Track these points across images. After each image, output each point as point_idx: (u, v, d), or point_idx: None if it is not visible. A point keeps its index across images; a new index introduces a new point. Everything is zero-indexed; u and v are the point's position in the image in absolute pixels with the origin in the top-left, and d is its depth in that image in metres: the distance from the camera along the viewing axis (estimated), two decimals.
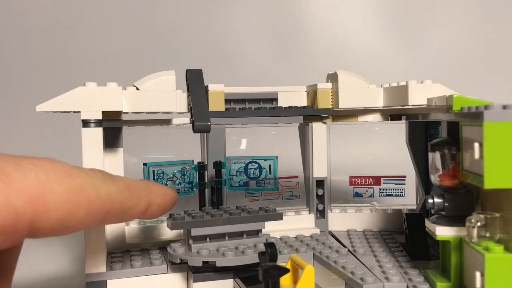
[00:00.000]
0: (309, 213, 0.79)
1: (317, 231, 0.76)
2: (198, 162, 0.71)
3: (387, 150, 0.80)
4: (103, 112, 0.60)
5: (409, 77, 0.70)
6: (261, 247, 0.60)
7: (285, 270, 0.47)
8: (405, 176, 0.79)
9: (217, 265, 0.56)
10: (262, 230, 0.64)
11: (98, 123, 0.59)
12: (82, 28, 1.23)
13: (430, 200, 0.52)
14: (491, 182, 0.43)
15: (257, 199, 0.77)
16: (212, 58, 1.20)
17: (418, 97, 0.68)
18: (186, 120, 0.74)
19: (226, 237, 0.61)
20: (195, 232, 0.58)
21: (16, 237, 0.24)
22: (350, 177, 0.80)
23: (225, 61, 1.20)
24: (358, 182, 0.79)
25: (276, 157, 0.72)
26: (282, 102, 0.78)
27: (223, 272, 0.59)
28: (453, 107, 0.52)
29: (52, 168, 0.25)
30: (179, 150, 0.77)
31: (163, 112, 0.70)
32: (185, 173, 0.69)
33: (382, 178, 0.79)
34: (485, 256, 0.44)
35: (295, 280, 0.51)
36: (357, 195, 0.80)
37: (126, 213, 0.32)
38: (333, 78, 0.76)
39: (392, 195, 0.79)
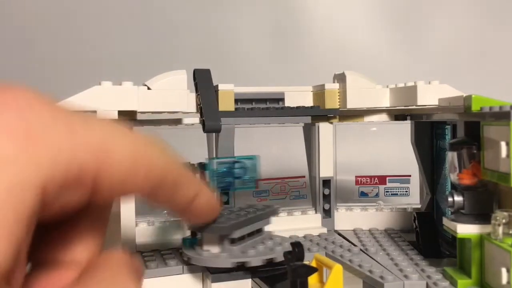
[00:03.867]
0: (316, 212, 0.79)
1: (325, 230, 0.77)
2: (199, 163, 0.70)
3: (392, 150, 0.81)
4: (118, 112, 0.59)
5: (412, 76, 0.72)
6: (270, 245, 0.61)
7: (313, 270, 0.48)
8: (410, 176, 0.80)
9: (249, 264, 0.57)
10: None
11: None
12: (86, 28, 1.22)
13: (450, 199, 0.53)
14: None
15: (265, 199, 0.77)
16: (213, 58, 1.20)
17: (427, 97, 0.70)
18: (193, 120, 0.74)
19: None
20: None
21: (81, 192, 0.24)
22: (356, 177, 0.80)
23: (226, 62, 1.20)
24: (363, 182, 0.80)
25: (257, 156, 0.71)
26: (289, 102, 0.78)
27: (241, 271, 0.59)
28: (472, 107, 0.53)
29: (116, 125, 0.25)
30: (185, 151, 0.76)
31: (169, 112, 0.70)
32: None
33: (387, 178, 0.80)
34: (511, 253, 0.45)
35: (320, 279, 0.51)
36: (363, 194, 0.80)
37: (178, 192, 0.30)
38: (340, 78, 0.76)
39: (397, 194, 0.80)
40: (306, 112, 0.76)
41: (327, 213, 0.79)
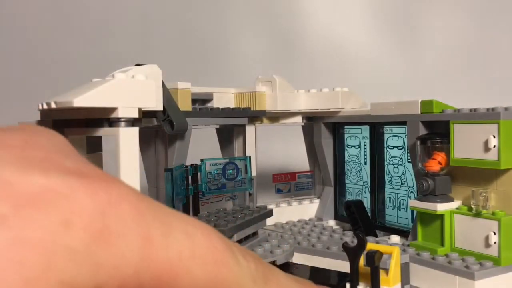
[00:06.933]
0: None
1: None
2: (191, 165, 0.66)
3: (303, 148, 0.89)
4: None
5: (407, 77, 0.81)
6: (268, 247, 0.62)
7: (381, 254, 0.52)
8: (313, 171, 0.89)
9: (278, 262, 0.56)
10: None
11: (130, 122, 0.50)
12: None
13: (426, 183, 0.65)
14: (505, 163, 0.58)
15: (207, 202, 0.74)
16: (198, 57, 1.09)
17: (344, 102, 0.81)
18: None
19: (243, 240, 0.60)
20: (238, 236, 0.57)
21: None
22: (273, 175, 0.85)
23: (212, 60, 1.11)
24: (279, 179, 0.86)
25: (250, 157, 0.72)
26: (216, 103, 0.78)
27: None
28: (433, 109, 0.66)
29: (202, 245, 0.20)
30: None
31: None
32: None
33: (297, 174, 0.87)
34: (500, 221, 0.59)
35: None
36: (279, 191, 0.86)
37: None
38: (267, 82, 0.80)
39: (304, 188, 0.88)
40: (256, 114, 0.78)
41: None
